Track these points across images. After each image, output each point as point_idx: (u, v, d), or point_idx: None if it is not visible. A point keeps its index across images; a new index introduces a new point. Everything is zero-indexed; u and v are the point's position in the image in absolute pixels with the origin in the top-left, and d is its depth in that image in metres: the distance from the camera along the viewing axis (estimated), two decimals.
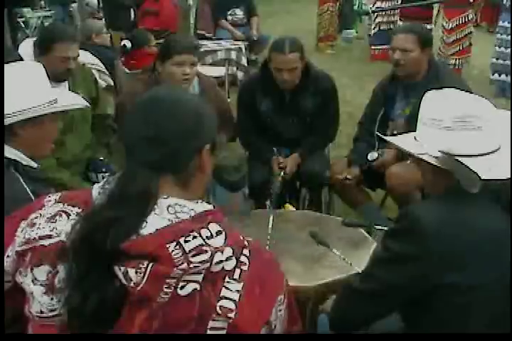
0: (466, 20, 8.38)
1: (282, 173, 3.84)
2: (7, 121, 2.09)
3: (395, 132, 3.57)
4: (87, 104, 2.48)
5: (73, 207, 1.47)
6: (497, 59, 7.58)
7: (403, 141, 1.99)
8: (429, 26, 8.57)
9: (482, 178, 1.73)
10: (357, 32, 11.83)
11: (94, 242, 1.30)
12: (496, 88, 7.62)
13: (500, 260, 1.81)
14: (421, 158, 1.88)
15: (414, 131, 2.00)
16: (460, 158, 1.79)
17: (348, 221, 3.05)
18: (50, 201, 1.52)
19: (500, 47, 7.54)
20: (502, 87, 7.52)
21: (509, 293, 1.83)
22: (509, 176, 1.78)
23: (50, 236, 1.43)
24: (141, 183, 1.37)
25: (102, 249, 1.29)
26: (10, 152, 2.13)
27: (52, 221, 1.45)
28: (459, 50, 8.49)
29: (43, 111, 2.17)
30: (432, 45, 3.75)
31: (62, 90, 2.45)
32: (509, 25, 7.36)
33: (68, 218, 1.44)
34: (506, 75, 7.42)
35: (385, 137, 2.13)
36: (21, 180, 2.13)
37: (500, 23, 7.69)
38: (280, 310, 1.42)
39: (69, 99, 2.41)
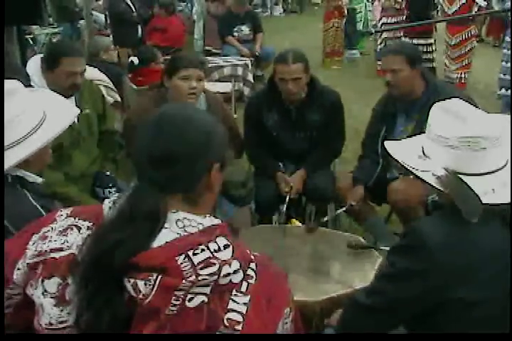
0: (469, 35, 8.43)
1: (288, 197, 3.84)
2: (13, 158, 2.04)
3: None
4: (77, 111, 2.41)
5: (84, 220, 1.48)
6: (504, 74, 7.58)
7: (406, 155, 1.99)
8: (430, 40, 8.69)
9: (484, 202, 1.73)
10: (363, 48, 11.88)
11: (104, 262, 1.31)
12: (503, 103, 7.61)
13: (506, 274, 1.81)
14: (422, 178, 1.87)
15: None
16: (463, 177, 1.79)
17: (354, 243, 3.03)
18: (61, 215, 1.53)
19: (507, 63, 7.55)
20: (509, 102, 7.51)
21: None
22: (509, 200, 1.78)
23: (61, 249, 1.44)
24: (150, 204, 1.37)
25: (111, 267, 1.31)
26: (13, 170, 2.11)
27: (63, 234, 1.47)
28: (464, 64, 8.53)
29: (40, 143, 2.09)
30: (421, 62, 3.75)
31: (47, 97, 2.36)
32: None
33: (79, 231, 1.46)
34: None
35: (388, 146, 2.10)
36: (29, 197, 2.13)
37: (507, 39, 7.71)
38: (286, 323, 1.43)
39: (57, 108, 2.29)
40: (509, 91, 7.45)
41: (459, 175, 1.81)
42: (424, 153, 1.95)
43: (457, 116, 1.87)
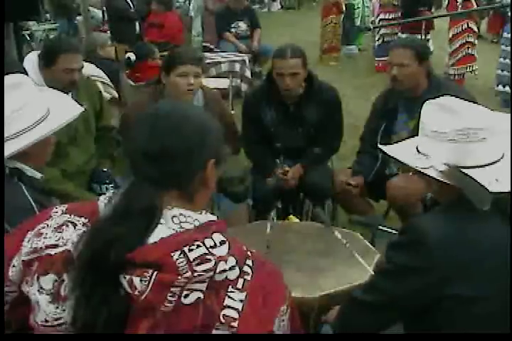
0: (463, 29, 8.43)
1: (280, 176, 3.85)
2: (10, 148, 2.06)
3: None
4: (81, 109, 2.43)
5: (80, 217, 1.48)
6: (502, 70, 7.59)
7: (404, 154, 1.98)
8: (422, 36, 8.73)
9: (490, 191, 1.73)
10: (361, 44, 11.87)
11: (99, 258, 1.31)
12: (501, 99, 7.62)
13: (505, 271, 1.81)
14: (425, 172, 1.87)
15: None
16: (466, 170, 1.78)
17: (356, 219, 3.03)
18: (57, 212, 1.53)
19: (505, 59, 7.56)
20: (506, 98, 7.51)
21: None
22: None
23: (56, 246, 1.44)
24: (146, 200, 1.37)
25: (108, 263, 1.30)
26: (13, 163, 2.12)
27: (59, 231, 1.47)
28: (459, 59, 8.52)
29: (39, 135, 2.10)
30: (428, 58, 3.74)
31: (53, 95, 2.37)
32: None
33: (75, 228, 1.46)
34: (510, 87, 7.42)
35: (385, 148, 2.11)
36: (24, 190, 2.13)
37: (505, 35, 7.72)
38: (283, 321, 1.43)
39: (61, 105, 2.33)
40: (506, 87, 7.45)
41: (462, 169, 1.80)
42: (419, 152, 1.94)
43: (451, 111, 1.86)
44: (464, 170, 1.79)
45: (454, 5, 8.48)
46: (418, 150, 1.95)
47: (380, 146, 2.15)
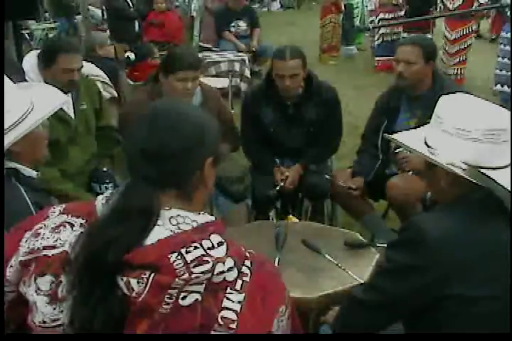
0: (469, 31, 8.43)
1: (281, 185, 3.84)
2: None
3: None
4: (65, 99, 2.38)
5: (77, 218, 1.47)
6: (500, 70, 7.58)
7: (418, 147, 1.96)
8: (429, 35, 8.70)
9: None
10: (360, 43, 11.87)
11: (97, 260, 1.31)
12: (500, 99, 7.60)
13: (506, 271, 1.80)
14: (451, 169, 1.83)
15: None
16: (486, 171, 1.77)
17: (351, 241, 3.03)
18: (54, 212, 1.52)
19: (503, 59, 7.54)
20: (505, 98, 7.50)
21: None
22: None
23: (54, 247, 1.44)
24: (143, 200, 1.37)
25: (105, 264, 1.30)
26: (8, 163, 2.11)
27: (56, 231, 1.46)
28: (461, 60, 8.53)
29: (25, 128, 2.05)
30: (435, 59, 3.74)
31: (34, 87, 2.33)
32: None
33: (72, 229, 1.45)
34: (508, 87, 7.40)
35: (396, 136, 2.08)
36: (22, 191, 2.12)
37: (504, 35, 7.70)
38: (282, 321, 1.42)
39: (45, 96, 2.25)
40: (505, 87, 7.43)
41: (483, 169, 1.79)
42: (429, 146, 1.91)
43: (474, 109, 1.85)
44: (484, 171, 1.78)
45: (469, 4, 8.40)
46: (428, 145, 1.92)
47: (388, 136, 2.12)
